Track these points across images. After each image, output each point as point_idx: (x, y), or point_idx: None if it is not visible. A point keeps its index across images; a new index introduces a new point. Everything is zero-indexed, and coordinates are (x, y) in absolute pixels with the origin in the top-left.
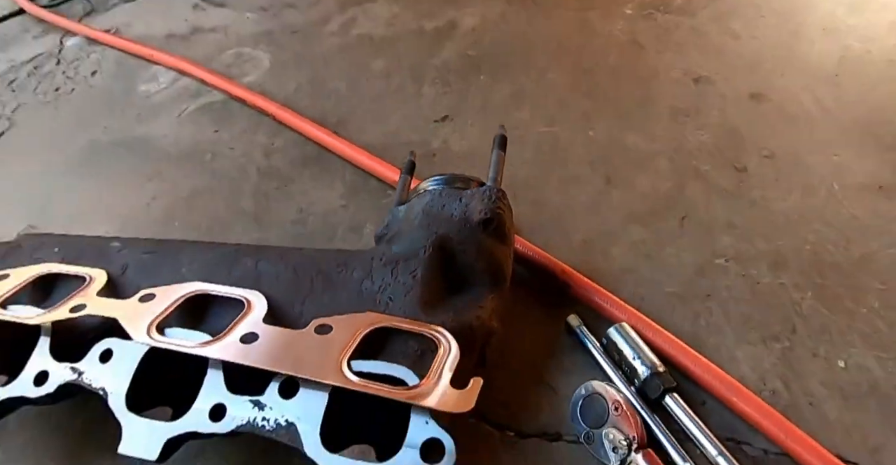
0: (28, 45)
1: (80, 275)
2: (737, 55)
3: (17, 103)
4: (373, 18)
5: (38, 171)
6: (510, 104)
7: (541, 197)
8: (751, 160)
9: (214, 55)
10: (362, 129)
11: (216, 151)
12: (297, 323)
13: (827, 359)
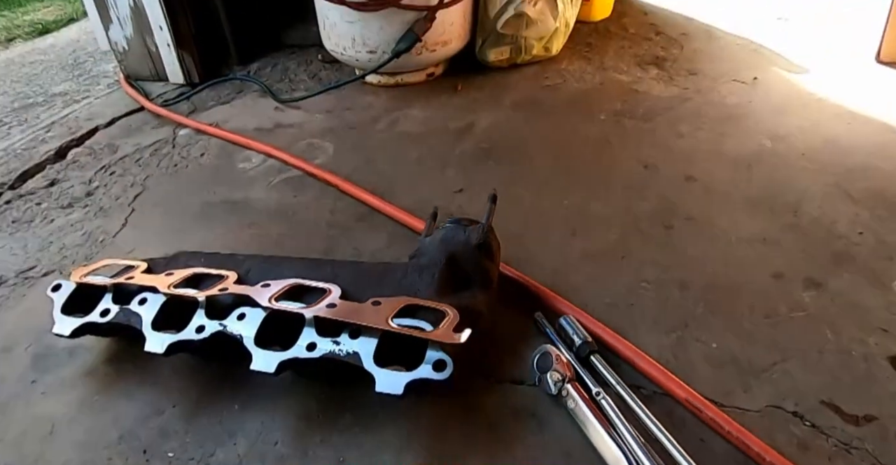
0: (148, 133)
1: (220, 274)
2: (679, 149)
3: (146, 174)
4: (411, 119)
5: (168, 220)
6: (509, 182)
7: (524, 242)
8: (677, 221)
9: (292, 144)
10: (401, 196)
11: (296, 210)
12: (360, 302)
13: (705, 343)
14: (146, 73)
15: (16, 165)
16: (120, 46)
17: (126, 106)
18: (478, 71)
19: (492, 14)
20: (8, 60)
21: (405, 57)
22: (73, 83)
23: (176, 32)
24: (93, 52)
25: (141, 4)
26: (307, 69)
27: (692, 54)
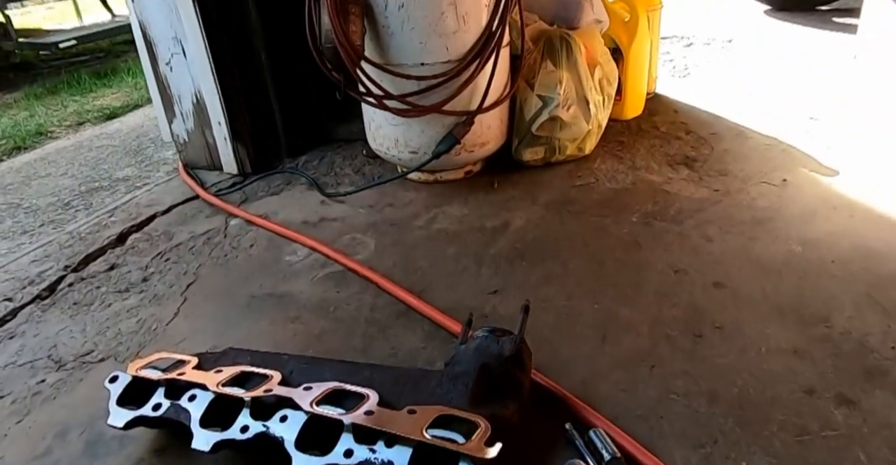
0: (202, 222)
1: (266, 374)
2: (708, 254)
3: (199, 263)
4: (449, 217)
5: (217, 311)
6: (542, 283)
7: (555, 347)
8: (706, 329)
9: (336, 238)
10: (438, 295)
11: (337, 305)
12: (396, 408)
13: (734, 461)
14: (203, 163)
15: (80, 248)
16: (181, 138)
17: (183, 194)
18: (513, 169)
19: (527, 117)
20: (78, 144)
21: (445, 157)
22: (136, 169)
23: (233, 127)
24: (154, 139)
25: (203, 101)
26: (352, 163)
27: (722, 154)
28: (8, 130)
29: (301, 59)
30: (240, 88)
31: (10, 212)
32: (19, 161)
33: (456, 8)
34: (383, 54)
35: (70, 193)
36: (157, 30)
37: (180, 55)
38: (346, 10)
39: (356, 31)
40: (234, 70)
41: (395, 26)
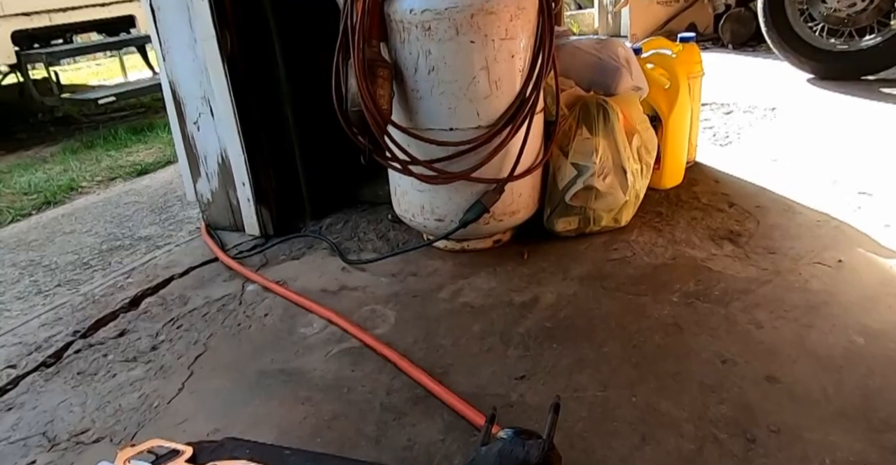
0: (219, 286)
1: None
2: (758, 342)
3: (210, 332)
4: (475, 289)
5: (224, 387)
6: (574, 369)
7: (589, 447)
8: (760, 432)
9: (355, 309)
10: (460, 378)
11: (351, 386)
12: None
13: None
14: (226, 224)
15: (92, 312)
16: (205, 198)
17: (202, 256)
18: (545, 239)
19: (560, 186)
20: (106, 200)
21: (472, 225)
22: (159, 227)
23: (256, 188)
24: (181, 196)
25: (228, 162)
26: (376, 228)
27: (769, 230)
28: (40, 184)
29: (327, 120)
30: (265, 150)
31: (30, 270)
32: (47, 216)
33: (488, 73)
34: (411, 119)
35: (91, 252)
36: (187, 89)
37: (208, 115)
38: (375, 74)
39: (384, 94)
40: (260, 131)
41: (425, 90)
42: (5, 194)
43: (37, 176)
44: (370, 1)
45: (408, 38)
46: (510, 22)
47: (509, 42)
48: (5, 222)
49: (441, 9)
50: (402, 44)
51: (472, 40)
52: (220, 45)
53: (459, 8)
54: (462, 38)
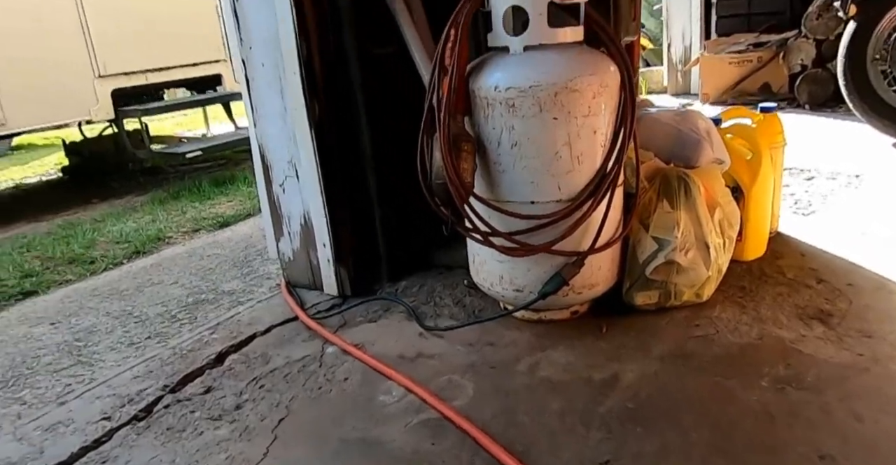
0: (299, 346)
1: None
2: (860, 438)
3: (292, 395)
4: (553, 363)
5: (306, 455)
6: (660, 457)
7: None
8: None
9: (432, 378)
10: (541, 460)
11: (431, 461)
12: None
13: None
14: (305, 282)
15: (180, 366)
16: (286, 257)
17: (283, 314)
18: (623, 311)
19: (641, 259)
20: (191, 251)
21: (551, 297)
22: (241, 282)
23: (336, 250)
24: (261, 251)
25: (310, 223)
26: (452, 293)
27: (863, 311)
28: (131, 234)
29: (406, 185)
30: (346, 213)
31: (122, 320)
32: (137, 266)
33: (571, 148)
34: (492, 191)
35: (178, 305)
36: (275, 153)
37: (293, 178)
38: (459, 148)
39: (467, 168)
40: (342, 195)
41: (507, 164)
42: (100, 243)
43: (128, 225)
44: (457, 78)
45: (492, 114)
46: (593, 99)
47: (592, 118)
48: (99, 270)
49: (525, 87)
50: (486, 119)
51: (556, 117)
52: (309, 113)
53: (543, 86)
54: (545, 116)
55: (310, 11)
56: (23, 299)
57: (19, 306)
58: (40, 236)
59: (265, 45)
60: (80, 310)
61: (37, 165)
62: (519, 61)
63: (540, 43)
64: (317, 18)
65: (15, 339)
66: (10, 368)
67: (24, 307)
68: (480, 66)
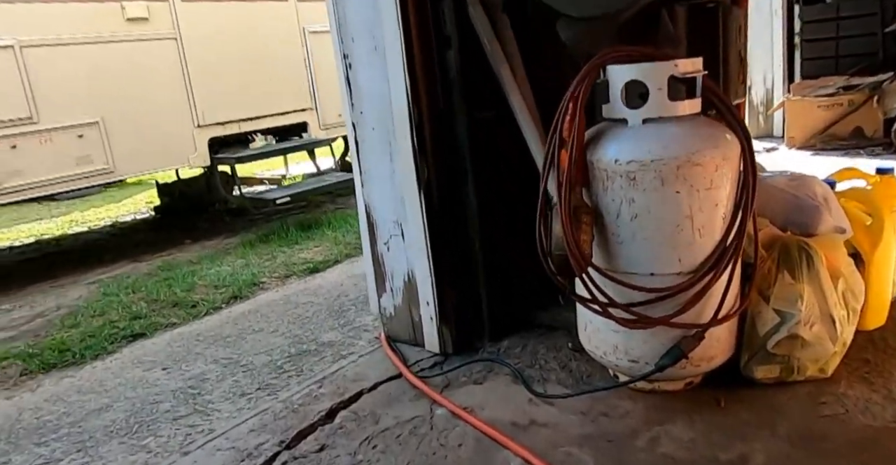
0: (406, 405)
1: None
2: None
3: (407, 459)
4: (673, 440)
5: None
6: None
7: None
8: None
9: (549, 450)
10: None
11: None
12: None
13: None
14: (405, 338)
15: (293, 421)
16: (387, 312)
17: (386, 370)
18: (740, 384)
19: (761, 331)
20: (285, 298)
21: (667, 369)
22: (339, 333)
23: (440, 308)
24: (355, 301)
25: (414, 281)
26: (557, 356)
27: None
28: (227, 278)
29: (509, 245)
30: (451, 272)
31: (231, 368)
32: (236, 311)
33: (692, 221)
34: (610, 261)
35: (281, 355)
36: (381, 213)
37: (398, 237)
38: (579, 220)
39: (586, 239)
40: (447, 255)
41: (626, 236)
42: (199, 286)
43: (223, 269)
44: (576, 151)
45: (611, 186)
46: (715, 172)
47: (714, 191)
48: (201, 315)
49: (647, 160)
50: (605, 191)
51: (678, 190)
52: (418, 176)
53: (665, 160)
54: (667, 189)
55: (421, 78)
56: (133, 341)
57: (130, 347)
58: (142, 277)
59: (376, 110)
60: (188, 355)
61: (129, 204)
62: (638, 134)
63: (659, 116)
64: (427, 84)
65: (132, 383)
66: (132, 413)
67: (136, 349)
68: (597, 137)
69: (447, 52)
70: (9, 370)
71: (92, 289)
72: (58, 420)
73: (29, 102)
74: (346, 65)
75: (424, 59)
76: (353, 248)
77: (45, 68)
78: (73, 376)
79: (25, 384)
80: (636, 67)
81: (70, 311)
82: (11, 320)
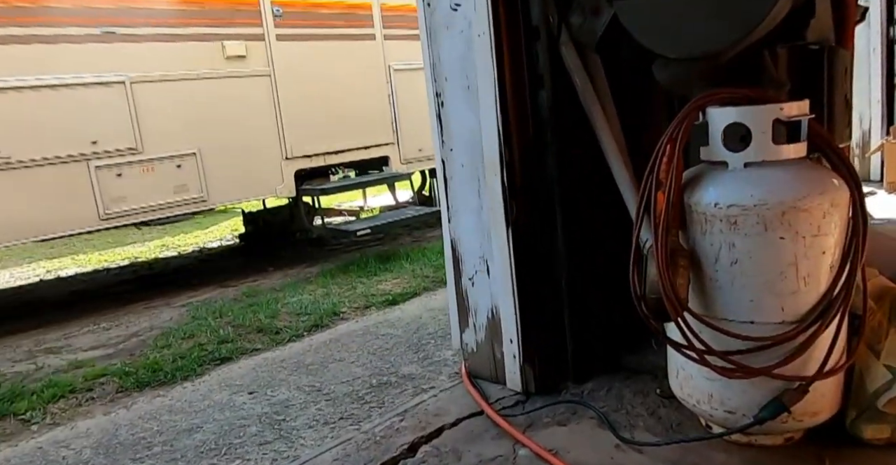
0: (489, 444)
1: None
2: None
3: None
4: None
5: None
6: None
7: None
8: None
9: None
10: None
11: None
12: None
13: None
14: (486, 374)
15: (376, 453)
16: (469, 348)
17: (468, 406)
18: (846, 442)
19: (870, 388)
20: (365, 329)
21: (767, 422)
22: (419, 366)
23: (524, 346)
24: (433, 334)
25: (498, 318)
26: (644, 401)
27: None
28: (308, 307)
29: (594, 284)
30: (536, 310)
31: (314, 396)
32: (317, 340)
33: (797, 269)
34: (706, 307)
35: (363, 385)
36: (467, 248)
37: (484, 273)
38: (676, 263)
39: (683, 283)
40: (533, 293)
41: (724, 281)
42: (282, 314)
43: (304, 297)
44: (674, 194)
45: (710, 230)
46: (823, 219)
47: (821, 238)
48: (283, 341)
49: (749, 205)
50: (703, 235)
51: (782, 236)
52: (507, 213)
53: (770, 205)
54: (770, 235)
55: (513, 117)
56: (220, 364)
57: (218, 370)
58: (228, 302)
59: (466, 147)
60: (272, 381)
61: (215, 230)
62: (740, 178)
63: (762, 160)
64: (518, 123)
65: (220, 405)
66: (220, 435)
67: (223, 373)
68: (695, 180)
69: (539, 92)
70: (107, 387)
71: (182, 312)
72: (151, 438)
73: (135, 133)
74: (438, 103)
75: (516, 98)
76: (430, 281)
77: (151, 102)
78: (164, 395)
79: (121, 401)
80: (739, 110)
81: (162, 332)
82: (109, 338)
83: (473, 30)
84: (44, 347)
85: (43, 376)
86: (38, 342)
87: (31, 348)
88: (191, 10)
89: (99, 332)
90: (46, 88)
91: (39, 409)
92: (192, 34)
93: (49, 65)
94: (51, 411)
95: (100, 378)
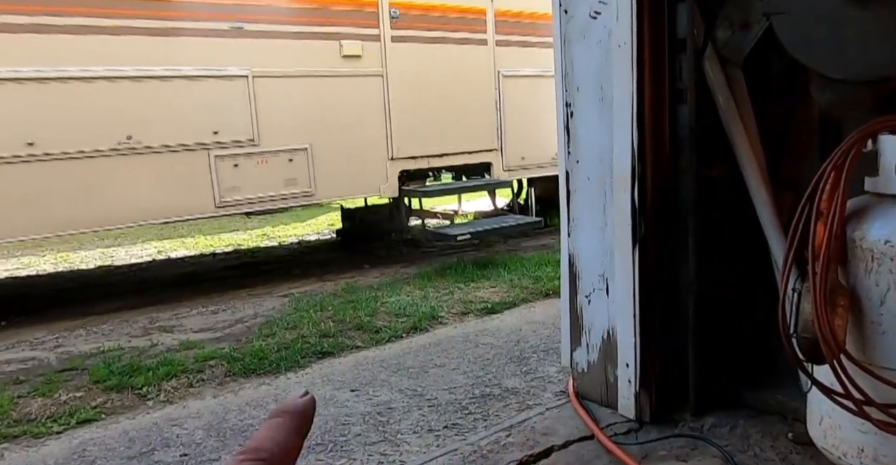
0: None
1: None
2: None
3: None
4: None
5: None
6: None
7: None
8: None
9: None
10: None
11: None
12: None
13: None
14: (595, 397)
15: None
16: (580, 367)
17: (577, 430)
18: None
19: None
20: (464, 336)
21: None
22: (522, 380)
23: (642, 371)
24: (535, 348)
25: (614, 339)
26: (774, 445)
27: None
28: (407, 308)
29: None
30: (658, 335)
31: (416, 401)
32: (416, 343)
33: None
34: (866, 352)
35: (465, 394)
36: (586, 265)
37: (602, 292)
38: (835, 303)
39: (841, 325)
40: (656, 317)
41: (889, 325)
42: (380, 313)
43: (402, 298)
44: (837, 226)
45: (876, 269)
46: None
47: None
48: (383, 341)
49: None
50: (868, 273)
51: None
52: (634, 232)
53: None
54: None
55: (649, 132)
56: (322, 358)
57: (320, 364)
58: (328, 296)
59: (594, 160)
60: (374, 380)
61: (314, 224)
62: None
63: None
64: (654, 139)
65: (323, 400)
66: (326, 432)
67: (324, 367)
68: (861, 213)
69: (680, 107)
70: (216, 370)
71: (284, 302)
72: (258, 426)
73: (253, 126)
74: (567, 113)
75: (654, 112)
76: (529, 293)
77: (270, 97)
78: (269, 384)
79: (228, 386)
80: None
81: (266, 320)
82: (216, 322)
83: (613, 39)
84: (157, 325)
85: (157, 354)
86: (152, 320)
87: (145, 326)
88: (312, 9)
89: (207, 314)
90: (177, 78)
91: (154, 385)
92: (313, 32)
93: (179, 56)
94: (165, 388)
95: (209, 361)
